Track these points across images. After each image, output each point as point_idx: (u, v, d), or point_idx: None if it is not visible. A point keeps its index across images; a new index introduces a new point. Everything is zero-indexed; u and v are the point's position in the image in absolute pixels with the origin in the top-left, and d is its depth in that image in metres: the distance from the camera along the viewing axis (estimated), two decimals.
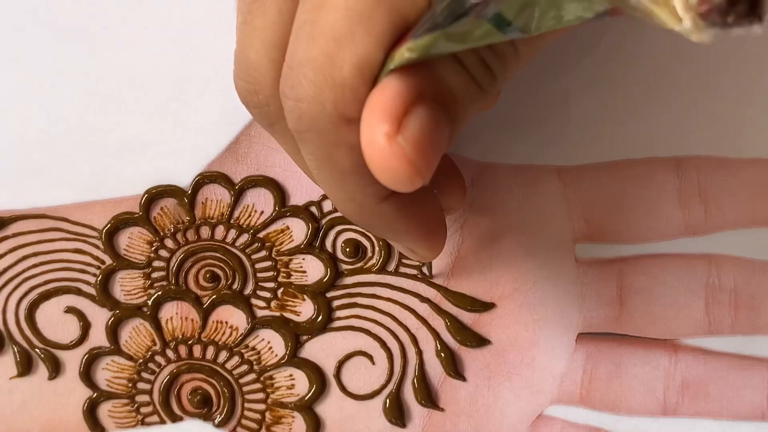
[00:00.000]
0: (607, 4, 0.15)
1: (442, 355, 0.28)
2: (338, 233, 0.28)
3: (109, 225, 0.28)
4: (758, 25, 0.14)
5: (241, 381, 0.28)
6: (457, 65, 0.18)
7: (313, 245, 0.28)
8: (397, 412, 0.28)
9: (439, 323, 0.28)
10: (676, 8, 0.14)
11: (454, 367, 0.28)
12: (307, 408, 0.28)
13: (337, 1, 0.17)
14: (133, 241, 0.28)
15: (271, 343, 0.28)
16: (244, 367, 0.28)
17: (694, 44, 0.28)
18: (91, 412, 0.28)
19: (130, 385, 0.28)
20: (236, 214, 0.28)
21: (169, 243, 0.28)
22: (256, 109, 0.20)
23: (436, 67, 0.17)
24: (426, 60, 0.17)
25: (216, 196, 0.28)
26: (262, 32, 0.19)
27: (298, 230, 0.28)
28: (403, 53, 0.16)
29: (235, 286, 0.28)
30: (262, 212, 0.28)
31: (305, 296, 0.28)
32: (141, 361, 0.28)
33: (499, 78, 0.19)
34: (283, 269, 0.28)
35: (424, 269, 0.28)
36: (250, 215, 0.28)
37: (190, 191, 0.28)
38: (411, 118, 0.16)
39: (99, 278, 0.28)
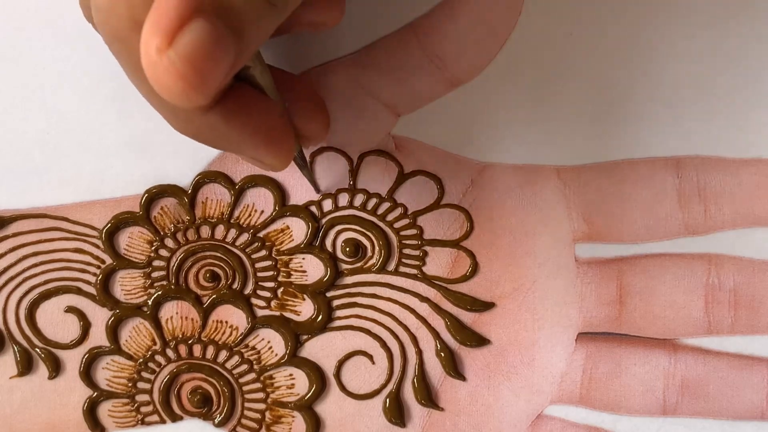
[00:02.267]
0: None
1: (442, 354, 0.28)
2: (338, 233, 0.28)
3: (109, 224, 0.28)
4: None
5: (241, 380, 0.28)
6: None
7: (313, 245, 0.28)
8: (396, 412, 0.28)
9: (439, 323, 0.28)
10: None
11: (454, 367, 0.28)
12: (307, 407, 0.28)
13: None
14: (133, 241, 0.28)
15: (271, 343, 0.28)
16: (244, 367, 0.28)
17: (694, 44, 0.28)
18: (91, 411, 0.28)
19: (130, 384, 0.28)
20: (236, 213, 0.28)
21: (169, 242, 0.28)
22: (91, 23, 0.20)
23: None
24: None
25: (216, 196, 0.28)
26: None
27: (298, 230, 0.28)
28: None
29: (235, 286, 0.28)
30: (262, 212, 0.28)
31: (305, 296, 0.28)
32: (141, 360, 0.28)
33: None
34: (283, 269, 0.28)
35: (304, 174, 0.27)
36: (250, 215, 0.28)
37: (190, 191, 0.28)
38: (185, 31, 0.16)
39: (99, 278, 0.28)
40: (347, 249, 0.28)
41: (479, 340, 0.28)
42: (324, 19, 0.24)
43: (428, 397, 0.28)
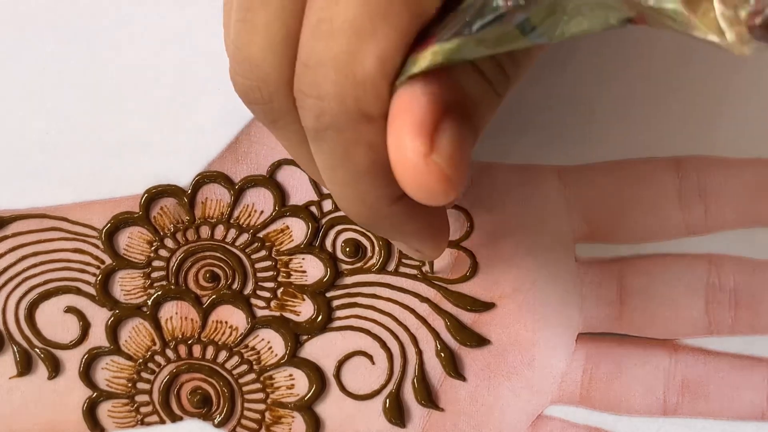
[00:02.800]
0: (633, 12, 0.15)
1: (442, 354, 0.28)
2: (338, 233, 0.28)
3: (108, 225, 0.28)
4: None
5: (241, 381, 0.28)
6: (475, 72, 0.18)
7: (313, 245, 0.28)
8: (397, 412, 0.28)
9: (439, 323, 0.28)
10: (719, 21, 0.14)
11: (454, 367, 0.28)
12: (307, 408, 0.28)
13: None
14: (132, 241, 0.28)
15: (271, 343, 0.28)
16: (244, 367, 0.28)
17: (694, 44, 0.28)
18: (90, 411, 0.28)
19: (129, 384, 0.28)
20: (236, 213, 0.28)
21: (168, 243, 0.28)
22: (259, 105, 0.20)
23: (456, 75, 0.17)
24: (447, 66, 0.16)
25: (216, 196, 0.28)
26: (266, 28, 0.18)
27: (297, 230, 0.28)
28: (428, 56, 0.16)
29: (234, 286, 0.28)
30: (261, 212, 0.28)
31: (305, 296, 0.28)
32: (141, 360, 0.28)
33: (512, 81, 0.19)
34: (282, 269, 0.28)
35: (425, 268, 0.28)
36: (249, 215, 0.28)
37: (190, 191, 0.28)
38: (442, 134, 0.16)
39: (99, 278, 0.28)
40: (347, 249, 0.28)
41: (479, 341, 0.28)
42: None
43: (428, 397, 0.28)
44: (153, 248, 0.28)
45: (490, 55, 0.17)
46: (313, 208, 0.28)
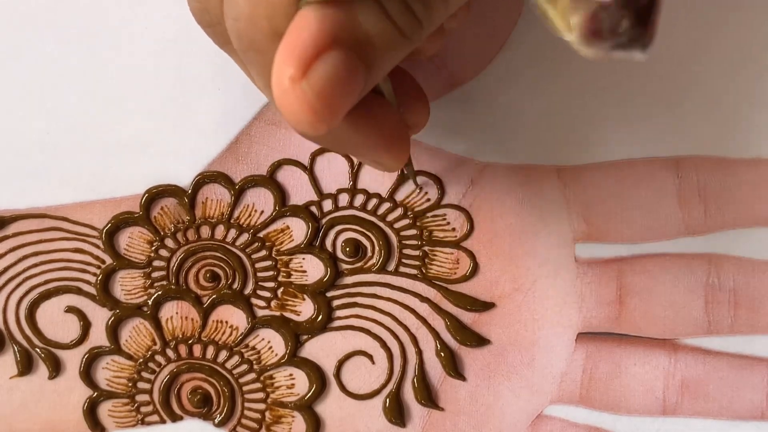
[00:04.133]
0: None
1: (442, 354, 0.28)
2: (338, 233, 0.28)
3: (109, 225, 0.28)
4: (641, 54, 0.14)
5: (241, 380, 0.28)
6: (379, 10, 0.17)
7: (313, 245, 0.28)
8: (396, 412, 0.28)
9: (438, 323, 0.28)
10: (570, 20, 0.14)
11: (454, 367, 0.28)
12: (307, 407, 0.28)
13: None
14: (133, 241, 0.28)
15: (271, 343, 0.28)
16: (244, 367, 0.28)
17: (694, 44, 0.28)
18: (91, 411, 0.28)
19: (130, 384, 0.28)
20: (236, 213, 0.28)
21: (169, 242, 0.28)
22: (209, 28, 0.20)
23: (357, 10, 0.17)
24: None
25: (216, 196, 0.28)
26: None
27: (298, 230, 0.28)
28: None
29: (235, 286, 0.28)
30: (262, 212, 0.28)
31: (305, 296, 0.28)
32: (141, 360, 0.28)
33: (425, 25, 0.18)
34: (283, 269, 0.28)
35: (406, 170, 0.27)
36: (250, 215, 0.28)
37: (190, 191, 0.28)
38: (319, 63, 0.16)
39: (99, 278, 0.28)
40: (347, 249, 0.28)
41: (479, 340, 0.28)
42: (414, 122, 0.24)
43: (428, 397, 0.28)
44: (153, 248, 0.28)
45: None
46: (313, 208, 0.28)
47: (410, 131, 0.25)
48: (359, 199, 0.28)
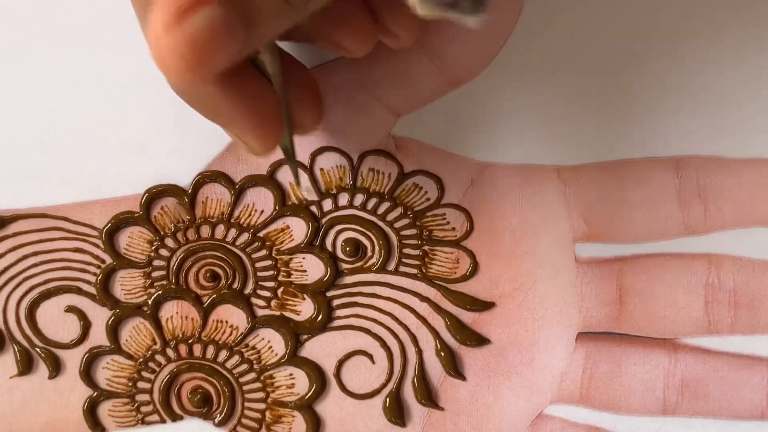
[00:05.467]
0: None
1: (442, 354, 0.28)
2: (338, 232, 0.28)
3: (109, 224, 0.28)
4: (474, 19, 0.15)
5: (241, 380, 0.28)
6: None
7: (313, 244, 0.28)
8: (397, 411, 0.28)
9: (438, 322, 0.28)
10: None
11: (454, 366, 0.28)
12: (307, 407, 0.28)
13: None
14: (133, 241, 0.28)
15: (271, 343, 0.28)
16: (244, 366, 0.28)
17: (694, 44, 0.28)
18: (91, 411, 0.28)
19: (130, 384, 0.28)
20: (236, 213, 0.28)
21: (169, 242, 0.28)
22: None
23: None
24: None
25: (216, 195, 0.28)
26: None
27: (298, 229, 0.28)
28: None
29: (235, 286, 0.28)
30: (262, 211, 0.28)
31: (305, 295, 0.28)
32: (141, 360, 0.28)
33: None
34: (283, 268, 0.28)
35: (288, 165, 0.27)
36: (250, 214, 0.28)
37: (190, 190, 0.28)
38: (197, 15, 0.16)
39: (99, 277, 0.28)
40: (347, 249, 0.28)
41: (479, 340, 0.28)
42: (302, 121, 0.24)
43: (428, 396, 0.28)
44: (153, 248, 0.28)
45: None
46: (313, 208, 0.28)
47: (300, 131, 0.25)
48: (359, 199, 0.28)
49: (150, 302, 0.28)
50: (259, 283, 0.28)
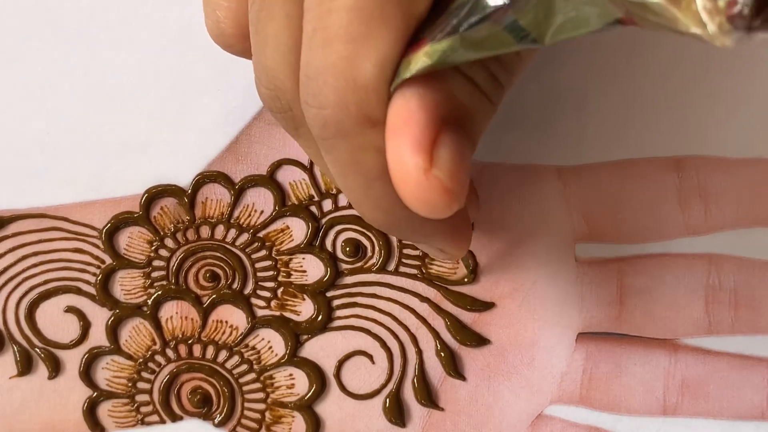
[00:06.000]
0: (621, 12, 0.15)
1: (442, 354, 0.28)
2: (338, 233, 0.28)
3: (109, 224, 0.28)
4: None
5: (241, 380, 0.28)
6: (466, 81, 0.18)
7: (313, 245, 0.28)
8: (397, 412, 0.28)
9: (438, 323, 0.28)
10: (699, 12, 0.14)
11: (454, 367, 0.28)
12: (307, 407, 0.28)
13: (345, 2, 0.16)
14: (133, 241, 0.28)
15: (271, 343, 0.28)
16: (244, 367, 0.28)
17: (694, 44, 0.28)
18: (90, 411, 0.28)
19: (130, 384, 0.28)
20: (236, 213, 0.28)
21: (169, 242, 0.28)
22: (280, 114, 0.20)
23: (450, 86, 0.17)
24: (440, 70, 0.16)
25: (216, 196, 0.28)
26: (275, 39, 0.18)
27: (298, 229, 0.28)
28: (420, 57, 0.16)
29: (235, 286, 0.28)
30: (261, 212, 0.28)
31: (305, 296, 0.28)
32: (141, 360, 0.28)
33: (506, 90, 0.19)
34: (283, 269, 0.28)
35: (463, 264, 0.27)
36: (250, 215, 0.28)
37: (190, 191, 0.28)
38: (442, 148, 0.16)
39: (99, 278, 0.28)
40: (347, 249, 0.28)
41: (479, 340, 0.28)
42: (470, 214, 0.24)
43: (428, 397, 0.28)
44: (153, 248, 0.28)
45: (482, 64, 0.17)
46: (313, 208, 0.28)
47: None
48: None
49: (150, 302, 0.28)
50: (259, 283, 0.28)
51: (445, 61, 0.16)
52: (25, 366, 0.28)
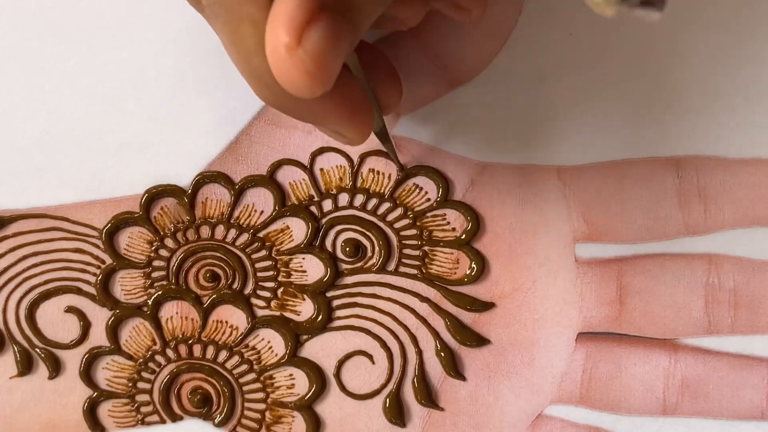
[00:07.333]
0: None
1: (442, 354, 0.28)
2: (338, 233, 0.28)
3: (109, 224, 0.28)
4: (658, 11, 0.15)
5: (241, 380, 0.28)
6: None
7: (313, 245, 0.28)
8: (396, 412, 0.28)
9: (438, 323, 0.28)
10: None
11: (454, 367, 0.28)
12: (307, 407, 0.28)
13: None
14: (133, 241, 0.28)
15: (271, 343, 0.28)
16: (244, 367, 0.28)
17: (694, 44, 0.28)
18: (91, 411, 0.28)
19: (130, 384, 0.28)
20: (236, 213, 0.28)
21: (169, 242, 0.28)
22: None
23: None
24: None
25: (216, 196, 0.28)
26: None
27: (298, 230, 0.28)
28: None
29: (235, 286, 0.28)
30: (261, 212, 0.28)
31: (305, 296, 0.28)
32: (141, 360, 0.28)
33: None
34: (283, 269, 0.28)
35: (386, 149, 0.27)
36: (250, 215, 0.28)
37: (190, 191, 0.28)
38: (312, 30, 0.17)
39: (99, 278, 0.28)
40: (347, 249, 0.28)
41: (479, 340, 0.28)
42: (387, 102, 0.25)
43: (428, 397, 0.28)
44: (153, 248, 0.28)
45: None
46: (313, 208, 0.28)
47: (383, 110, 0.25)
48: (359, 199, 0.28)
49: (150, 302, 0.28)
50: (259, 283, 0.28)
51: None
52: (26, 366, 0.28)
